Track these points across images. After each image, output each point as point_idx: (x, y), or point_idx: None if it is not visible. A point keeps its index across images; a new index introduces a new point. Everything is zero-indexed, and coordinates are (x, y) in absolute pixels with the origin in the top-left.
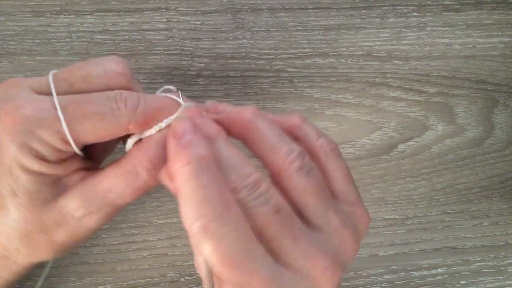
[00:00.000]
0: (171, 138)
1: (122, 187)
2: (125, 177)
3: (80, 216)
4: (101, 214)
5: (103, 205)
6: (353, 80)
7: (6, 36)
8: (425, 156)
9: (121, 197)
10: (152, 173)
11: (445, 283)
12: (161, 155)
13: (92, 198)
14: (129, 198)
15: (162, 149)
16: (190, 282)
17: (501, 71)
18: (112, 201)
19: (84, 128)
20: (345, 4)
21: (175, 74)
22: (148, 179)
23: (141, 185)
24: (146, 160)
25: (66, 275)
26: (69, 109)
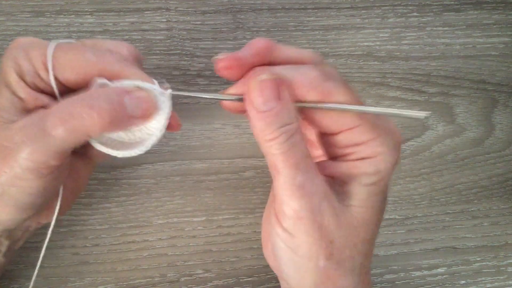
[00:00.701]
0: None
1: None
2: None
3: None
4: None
5: (50, 146)
6: (353, 80)
7: (6, 36)
8: (425, 156)
9: (60, 136)
10: (91, 118)
11: (445, 283)
12: (107, 105)
13: (39, 137)
14: (71, 141)
15: (110, 99)
16: (190, 282)
17: (501, 71)
18: (56, 143)
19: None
20: (345, 4)
21: (175, 74)
22: (89, 123)
23: (78, 128)
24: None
25: (66, 275)
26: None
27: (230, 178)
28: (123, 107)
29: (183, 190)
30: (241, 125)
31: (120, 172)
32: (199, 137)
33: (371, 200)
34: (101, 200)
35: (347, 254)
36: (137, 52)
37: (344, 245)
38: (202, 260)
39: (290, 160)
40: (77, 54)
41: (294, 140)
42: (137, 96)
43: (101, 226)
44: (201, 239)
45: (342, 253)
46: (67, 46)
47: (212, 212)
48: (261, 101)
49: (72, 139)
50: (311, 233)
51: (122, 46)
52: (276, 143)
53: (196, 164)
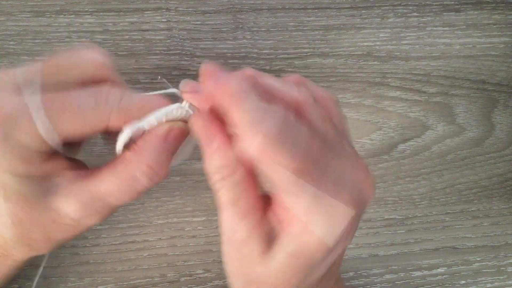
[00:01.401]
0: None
1: (121, 192)
2: (124, 182)
3: (79, 218)
4: (99, 215)
5: (101, 208)
6: (353, 80)
7: (6, 36)
8: (425, 156)
9: (120, 200)
10: (151, 177)
11: (445, 283)
12: (159, 159)
13: (91, 202)
14: (128, 200)
15: (159, 153)
16: (190, 282)
17: (501, 71)
18: (110, 204)
19: (64, 124)
20: (345, 4)
21: (175, 74)
22: (147, 183)
23: (140, 189)
24: (145, 165)
25: (66, 275)
26: (48, 106)
27: None
28: (167, 153)
29: (183, 190)
30: None
31: None
32: None
33: (290, 270)
34: None
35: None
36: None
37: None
38: (202, 260)
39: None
40: (76, 114)
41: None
42: (173, 135)
43: (101, 226)
44: (201, 239)
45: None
46: (53, 105)
47: (212, 212)
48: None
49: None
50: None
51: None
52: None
53: (196, 164)
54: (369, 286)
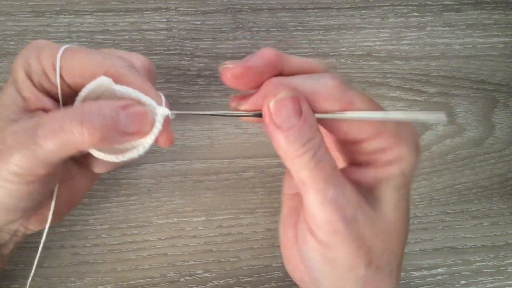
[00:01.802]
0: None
1: (53, 136)
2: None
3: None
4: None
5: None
6: (353, 80)
7: (6, 36)
8: (425, 156)
9: (52, 147)
10: (82, 134)
11: (445, 283)
12: (101, 121)
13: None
14: (60, 153)
15: (105, 116)
16: (190, 282)
17: (501, 71)
18: (46, 149)
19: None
20: (345, 4)
21: (175, 74)
22: (78, 140)
23: (69, 143)
24: (80, 118)
25: (66, 275)
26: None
27: (230, 178)
28: (116, 124)
29: (183, 190)
30: (241, 125)
31: (120, 172)
32: (199, 137)
33: (401, 202)
34: (101, 200)
35: (385, 260)
36: (150, 66)
37: (381, 251)
38: (202, 260)
39: (319, 175)
40: (85, 56)
41: (320, 154)
42: (133, 111)
43: (101, 226)
44: (201, 239)
45: (381, 259)
46: (77, 49)
47: (212, 212)
48: (282, 118)
49: (61, 152)
50: (349, 244)
51: (136, 57)
52: (303, 160)
53: (196, 164)
54: None
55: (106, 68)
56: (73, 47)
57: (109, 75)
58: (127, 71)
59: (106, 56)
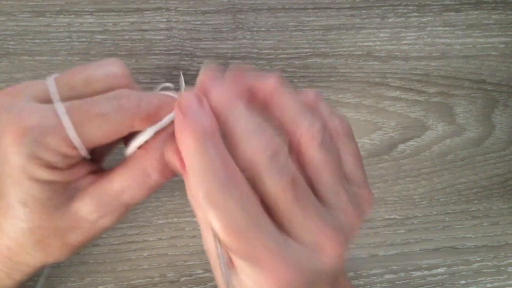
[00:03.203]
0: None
1: (134, 188)
2: (136, 178)
3: (95, 219)
4: (114, 215)
5: (116, 206)
6: (353, 80)
7: (6, 36)
8: (425, 156)
9: (133, 197)
10: (162, 172)
11: (445, 283)
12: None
13: (105, 201)
14: (141, 197)
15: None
16: (190, 282)
17: (501, 71)
18: (124, 202)
19: (89, 131)
20: (345, 4)
21: (175, 74)
22: (159, 178)
23: (152, 185)
24: (155, 160)
25: (66, 275)
26: (72, 114)
27: None
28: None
29: (183, 190)
30: None
31: None
32: None
33: None
34: None
35: None
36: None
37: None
38: (202, 260)
39: None
40: (104, 122)
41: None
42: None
43: None
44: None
45: None
46: (81, 114)
47: None
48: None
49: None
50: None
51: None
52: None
53: None
54: (369, 286)
55: (130, 122)
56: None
57: (137, 127)
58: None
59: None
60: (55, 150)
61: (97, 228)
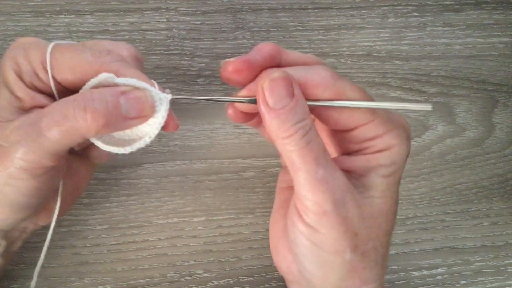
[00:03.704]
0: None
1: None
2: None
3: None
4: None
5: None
6: (353, 80)
7: (6, 36)
8: (425, 156)
9: (57, 135)
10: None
11: (445, 283)
12: (102, 106)
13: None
14: (66, 142)
15: (106, 101)
16: (190, 282)
17: (501, 71)
18: (51, 139)
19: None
20: (345, 4)
21: (175, 74)
22: (83, 127)
23: (74, 131)
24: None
25: (66, 275)
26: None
27: (230, 178)
28: (118, 108)
29: (183, 190)
30: (241, 125)
31: (120, 172)
32: (199, 137)
33: (390, 190)
34: (101, 200)
35: (371, 246)
36: (137, 53)
37: (368, 237)
38: (202, 260)
39: (310, 155)
40: (75, 54)
41: (310, 135)
42: (133, 96)
43: (101, 226)
44: (201, 239)
45: (366, 245)
46: (65, 47)
47: (212, 212)
48: (274, 99)
49: (67, 140)
50: (336, 227)
51: (122, 47)
52: (293, 140)
53: (196, 164)
54: None
55: (98, 66)
56: (60, 43)
57: (103, 72)
58: (119, 65)
59: (95, 53)
60: (31, 63)
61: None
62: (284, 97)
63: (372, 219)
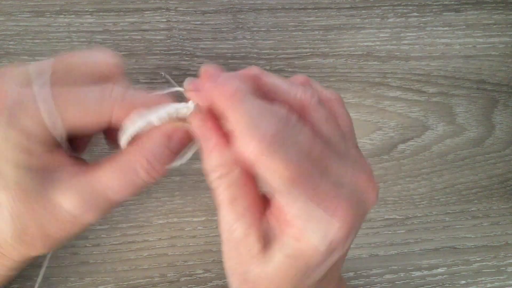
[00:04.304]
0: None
1: (120, 185)
2: (124, 175)
3: (78, 214)
4: (98, 211)
5: (101, 203)
6: (353, 80)
7: (6, 36)
8: (425, 156)
9: (119, 194)
10: (150, 172)
11: (445, 283)
12: (159, 153)
13: (90, 196)
14: (127, 195)
15: (161, 150)
16: (190, 282)
17: (501, 71)
18: (110, 198)
19: (67, 114)
20: (345, 4)
21: (175, 74)
22: (147, 177)
23: (139, 183)
24: (145, 159)
25: (66, 275)
26: (48, 94)
27: None
28: (170, 155)
29: (183, 190)
30: None
31: None
32: None
33: (287, 272)
34: None
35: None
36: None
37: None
38: (202, 260)
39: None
40: (79, 106)
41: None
42: (177, 138)
43: (101, 226)
44: (201, 239)
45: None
46: (60, 96)
47: (212, 212)
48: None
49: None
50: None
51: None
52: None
53: (196, 164)
54: (369, 286)
55: (114, 111)
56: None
57: (126, 115)
58: (131, 98)
59: (102, 95)
60: (29, 130)
61: (79, 223)
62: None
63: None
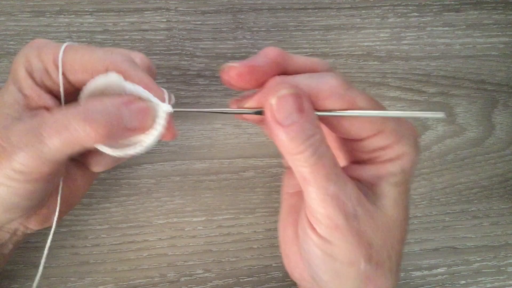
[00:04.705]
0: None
1: (58, 134)
2: (62, 125)
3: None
4: (42, 164)
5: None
6: (353, 80)
7: (6, 36)
8: (425, 156)
9: (57, 144)
10: (88, 134)
11: (445, 283)
12: (105, 118)
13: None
14: (66, 150)
15: (112, 107)
16: (190, 282)
17: (501, 71)
18: (50, 147)
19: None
20: (345, 4)
21: (175, 74)
22: (84, 138)
23: (75, 141)
24: (83, 117)
25: (66, 275)
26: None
27: (230, 178)
28: (120, 120)
29: (183, 190)
30: (241, 125)
31: (120, 172)
32: (199, 137)
33: (401, 199)
34: (101, 200)
35: (384, 256)
36: (150, 64)
37: (382, 247)
38: (202, 260)
39: (320, 172)
40: (87, 52)
41: (321, 151)
42: (136, 108)
43: (101, 226)
44: (201, 239)
45: (381, 254)
46: (78, 46)
47: (212, 212)
48: (283, 114)
49: (67, 149)
50: (349, 240)
51: (135, 55)
52: (304, 157)
53: (196, 164)
54: None
55: (108, 63)
56: (74, 44)
57: (112, 70)
58: (129, 66)
59: (107, 52)
60: (43, 61)
61: (29, 180)
62: (293, 113)
63: (385, 229)
